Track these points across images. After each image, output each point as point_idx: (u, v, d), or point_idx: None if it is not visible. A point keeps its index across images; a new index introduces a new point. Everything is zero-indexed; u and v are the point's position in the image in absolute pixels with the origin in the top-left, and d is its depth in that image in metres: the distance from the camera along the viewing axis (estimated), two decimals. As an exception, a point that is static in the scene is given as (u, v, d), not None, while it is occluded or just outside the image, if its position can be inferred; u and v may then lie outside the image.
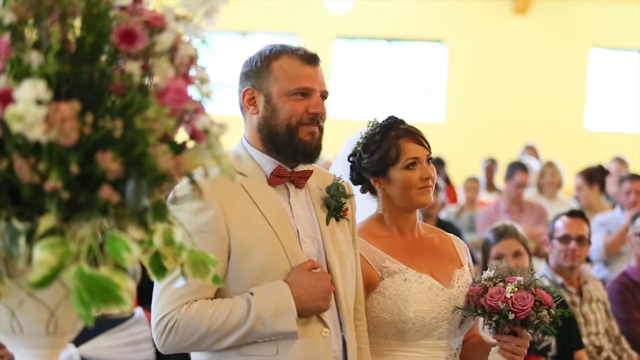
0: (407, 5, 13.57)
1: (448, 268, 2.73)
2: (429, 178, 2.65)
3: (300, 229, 2.39)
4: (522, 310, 2.54)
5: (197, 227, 2.19)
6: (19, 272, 1.26)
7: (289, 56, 2.36)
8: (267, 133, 2.36)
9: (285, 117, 2.33)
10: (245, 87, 2.37)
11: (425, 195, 2.66)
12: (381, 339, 2.63)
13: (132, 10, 1.32)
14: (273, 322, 2.23)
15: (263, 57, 2.37)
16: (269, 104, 2.34)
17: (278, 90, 2.33)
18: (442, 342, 2.64)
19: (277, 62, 2.35)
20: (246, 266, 2.27)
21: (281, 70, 2.34)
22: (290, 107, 2.33)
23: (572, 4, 13.72)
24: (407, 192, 2.66)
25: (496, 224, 4.34)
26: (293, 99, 2.33)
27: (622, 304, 4.77)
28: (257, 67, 2.36)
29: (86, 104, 1.23)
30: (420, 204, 2.69)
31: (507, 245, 4.09)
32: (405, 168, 2.65)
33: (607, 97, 14.26)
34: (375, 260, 2.65)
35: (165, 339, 2.23)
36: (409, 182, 2.65)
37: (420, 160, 2.66)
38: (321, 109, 2.35)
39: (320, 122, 2.37)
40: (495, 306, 2.56)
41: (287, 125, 2.33)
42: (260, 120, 2.36)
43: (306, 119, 2.34)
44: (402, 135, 2.68)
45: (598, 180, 7.28)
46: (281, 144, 2.35)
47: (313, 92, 2.35)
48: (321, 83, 2.38)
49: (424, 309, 2.59)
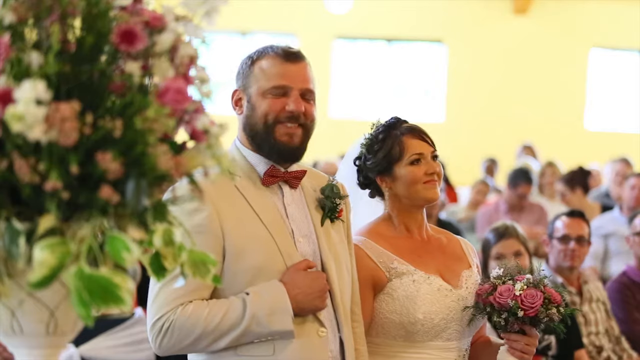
0: (407, 5, 13.57)
1: (456, 268, 2.72)
2: (434, 173, 2.65)
3: (294, 229, 2.38)
4: (531, 307, 2.54)
5: (192, 228, 2.17)
6: (19, 272, 1.26)
7: (270, 56, 2.36)
8: (250, 132, 2.38)
9: (261, 115, 2.34)
10: (234, 89, 2.42)
11: (431, 190, 2.66)
12: (390, 340, 2.62)
13: (132, 10, 1.32)
14: (269, 322, 2.22)
15: (249, 59, 2.40)
16: (249, 104, 2.37)
17: (256, 90, 2.35)
18: (451, 344, 2.63)
19: (259, 63, 2.37)
20: (241, 266, 2.27)
21: (260, 69, 2.36)
22: (266, 105, 2.33)
23: (572, 4, 13.72)
24: (413, 188, 2.66)
25: (496, 224, 4.34)
26: (269, 97, 2.33)
27: (622, 304, 4.77)
28: (243, 69, 2.40)
29: (86, 104, 1.23)
30: (427, 199, 2.68)
31: (508, 245, 4.10)
32: (410, 164, 2.65)
33: (607, 97, 14.26)
34: (383, 262, 2.64)
35: (161, 341, 2.23)
36: (414, 178, 2.65)
37: (425, 156, 2.66)
38: (298, 107, 2.32)
39: (301, 120, 2.34)
40: (504, 304, 2.56)
41: (264, 124, 2.34)
42: (244, 120, 2.39)
43: (283, 118, 2.33)
44: (405, 132, 2.68)
45: (579, 183, 7.27)
46: (260, 142, 2.36)
47: (290, 89, 2.34)
48: (302, 80, 2.36)
49: (433, 310, 2.59)
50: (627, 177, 6.64)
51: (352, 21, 13.47)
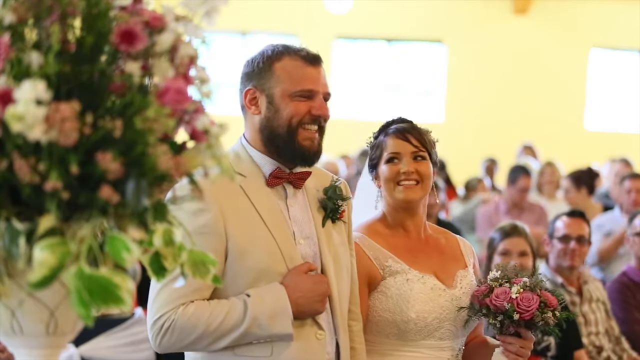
0: (407, 5, 13.57)
1: (451, 268, 2.73)
2: (408, 172, 2.64)
3: (296, 230, 2.39)
4: (527, 311, 2.55)
5: (196, 228, 2.19)
6: (19, 272, 1.26)
7: (292, 57, 2.35)
8: (269, 134, 2.35)
9: (287, 118, 2.32)
10: (247, 87, 2.36)
11: (405, 191, 2.64)
12: (383, 338, 2.63)
13: (132, 10, 1.32)
14: (269, 324, 2.23)
15: (265, 58, 2.36)
16: (271, 105, 2.34)
17: (281, 91, 2.33)
18: (444, 343, 2.64)
19: (280, 63, 2.34)
20: (243, 267, 2.27)
21: (284, 71, 2.33)
22: (293, 108, 2.32)
23: (572, 4, 13.72)
24: (387, 187, 2.68)
25: (505, 223, 4.32)
26: (296, 100, 2.33)
27: (622, 304, 4.77)
28: (259, 68, 2.35)
29: (86, 104, 1.23)
30: (399, 200, 2.67)
31: (515, 243, 4.08)
32: (385, 162, 2.68)
33: (607, 97, 14.26)
34: (378, 259, 2.65)
35: (161, 339, 2.23)
36: (387, 176, 2.67)
37: (402, 155, 2.66)
38: (324, 111, 2.35)
39: (322, 123, 2.37)
40: (500, 306, 2.57)
41: (288, 126, 2.32)
42: (263, 121, 2.36)
43: (308, 120, 2.33)
44: (390, 132, 2.71)
45: (585, 183, 7.26)
46: (282, 145, 2.34)
47: (316, 93, 2.35)
48: (324, 84, 2.38)
49: (426, 309, 2.59)
50: (622, 177, 6.64)
51: (352, 21, 13.47)
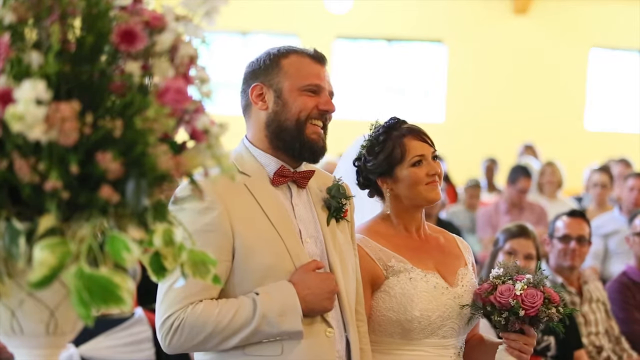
0: (407, 5, 13.57)
1: (453, 266, 2.75)
2: (436, 174, 2.68)
3: (302, 229, 2.40)
4: (532, 307, 2.56)
5: (202, 227, 2.21)
6: (19, 272, 1.26)
7: (298, 54, 2.40)
8: (276, 128, 2.38)
9: (295, 112, 2.36)
10: (254, 84, 2.40)
11: (433, 191, 2.69)
12: (386, 337, 2.63)
13: (132, 10, 1.32)
14: (279, 322, 2.23)
15: (272, 56, 2.40)
16: (279, 99, 2.37)
17: (289, 86, 2.36)
18: (447, 341, 2.65)
19: (287, 60, 2.39)
20: (250, 266, 2.28)
21: (292, 66, 2.38)
22: (301, 102, 2.36)
23: (572, 4, 13.72)
24: (416, 189, 2.68)
25: (514, 224, 4.29)
26: (304, 95, 2.37)
27: (622, 304, 4.77)
28: (266, 65, 2.40)
29: (86, 104, 1.23)
30: (429, 200, 2.71)
31: (523, 245, 4.04)
32: (411, 166, 2.68)
33: (607, 97, 14.26)
34: (381, 259, 2.66)
35: (171, 339, 2.23)
36: (416, 179, 2.67)
37: (426, 157, 2.69)
38: (331, 107, 2.40)
39: (327, 120, 2.42)
40: (505, 303, 2.58)
41: (297, 120, 2.36)
42: (270, 115, 2.38)
43: (315, 114, 2.37)
44: (405, 134, 2.70)
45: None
46: (289, 139, 2.37)
47: (322, 89, 2.39)
48: (329, 83, 2.43)
49: (430, 307, 2.60)
50: (626, 178, 6.64)
51: (353, 21, 13.47)
